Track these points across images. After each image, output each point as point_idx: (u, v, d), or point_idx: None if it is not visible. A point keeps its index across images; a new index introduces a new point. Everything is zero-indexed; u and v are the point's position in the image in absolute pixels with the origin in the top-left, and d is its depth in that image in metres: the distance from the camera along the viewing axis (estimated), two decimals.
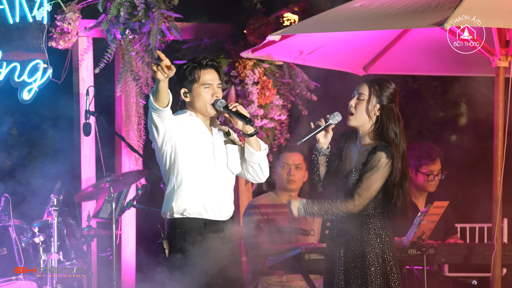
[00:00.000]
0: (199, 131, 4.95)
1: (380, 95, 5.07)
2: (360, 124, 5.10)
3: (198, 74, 4.93)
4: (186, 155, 4.89)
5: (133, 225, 7.59)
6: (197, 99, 4.95)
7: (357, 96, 5.09)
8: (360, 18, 6.17)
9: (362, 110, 5.08)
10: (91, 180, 7.39)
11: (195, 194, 4.88)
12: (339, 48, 7.20)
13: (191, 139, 4.91)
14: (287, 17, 7.80)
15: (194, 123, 4.96)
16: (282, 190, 7.07)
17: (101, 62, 7.22)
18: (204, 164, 4.92)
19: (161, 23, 7.28)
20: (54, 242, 6.16)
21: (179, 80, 4.96)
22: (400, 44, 7.21)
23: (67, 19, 7.09)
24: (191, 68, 4.94)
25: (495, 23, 5.87)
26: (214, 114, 4.98)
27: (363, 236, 5.05)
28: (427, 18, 5.77)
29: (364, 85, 5.11)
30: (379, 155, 4.97)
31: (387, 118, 5.07)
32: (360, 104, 5.09)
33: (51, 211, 6.22)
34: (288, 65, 7.76)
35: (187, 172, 4.88)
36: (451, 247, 6.57)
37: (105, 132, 7.06)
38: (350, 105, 5.09)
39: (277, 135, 7.80)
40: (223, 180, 4.99)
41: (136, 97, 7.41)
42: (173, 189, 4.90)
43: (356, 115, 5.09)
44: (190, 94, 4.95)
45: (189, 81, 4.94)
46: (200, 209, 4.88)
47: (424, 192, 7.10)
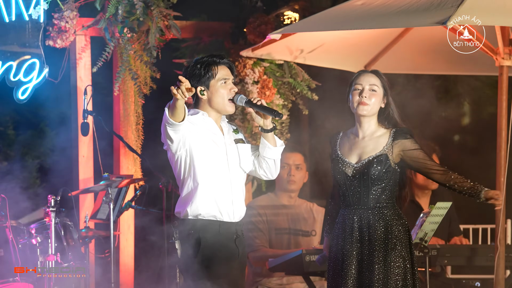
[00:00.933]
0: (212, 132, 4.97)
1: (387, 86, 5.21)
2: (371, 114, 5.17)
3: (215, 71, 4.96)
4: (201, 158, 4.91)
5: (132, 227, 7.58)
6: (215, 95, 4.96)
7: (370, 87, 5.14)
8: (362, 17, 6.18)
9: (376, 100, 5.17)
10: (89, 180, 7.39)
11: (210, 196, 4.90)
12: (340, 47, 7.20)
13: (205, 141, 4.93)
14: (287, 15, 7.80)
15: (206, 123, 4.97)
16: (282, 191, 7.07)
17: (99, 61, 7.22)
18: (219, 166, 4.95)
19: (160, 21, 7.28)
20: (51, 244, 6.16)
21: (194, 78, 4.96)
22: (402, 43, 7.21)
23: (64, 17, 7.08)
24: (206, 64, 4.97)
25: (498, 21, 5.87)
26: (231, 111, 5.00)
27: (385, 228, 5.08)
28: (430, 16, 5.77)
29: (374, 77, 5.20)
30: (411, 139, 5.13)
31: (393, 105, 5.21)
32: (374, 95, 5.17)
33: (48, 212, 6.21)
34: (289, 64, 7.75)
35: (203, 175, 4.91)
36: (454, 249, 6.57)
37: (103, 132, 7.06)
38: (363, 96, 5.13)
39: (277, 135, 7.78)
40: (236, 180, 5.02)
41: (134, 96, 7.40)
42: (190, 192, 4.91)
43: (372, 105, 5.17)
44: (207, 91, 4.97)
45: (206, 78, 4.96)
46: (214, 212, 4.91)
47: (427, 191, 7.09)
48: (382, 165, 5.08)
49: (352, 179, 5.14)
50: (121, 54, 7.32)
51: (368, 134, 5.19)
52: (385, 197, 5.11)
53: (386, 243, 5.06)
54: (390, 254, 5.04)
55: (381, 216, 5.09)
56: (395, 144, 5.11)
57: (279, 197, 7.04)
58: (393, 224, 5.08)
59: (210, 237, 4.88)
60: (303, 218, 7.09)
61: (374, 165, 5.08)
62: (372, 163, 5.08)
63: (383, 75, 5.22)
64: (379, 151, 5.10)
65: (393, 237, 5.06)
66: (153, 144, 7.63)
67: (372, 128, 5.19)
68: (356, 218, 5.12)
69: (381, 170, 5.07)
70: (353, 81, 5.21)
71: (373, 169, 5.07)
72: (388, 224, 5.08)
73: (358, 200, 5.12)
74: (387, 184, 5.11)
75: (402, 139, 5.11)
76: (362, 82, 5.17)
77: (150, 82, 7.38)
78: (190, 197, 4.90)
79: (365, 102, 5.15)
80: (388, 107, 5.19)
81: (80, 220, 7.24)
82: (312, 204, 7.21)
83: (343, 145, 5.23)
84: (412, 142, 5.12)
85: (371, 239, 5.08)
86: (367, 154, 5.14)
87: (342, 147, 5.23)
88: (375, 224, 5.08)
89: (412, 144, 5.12)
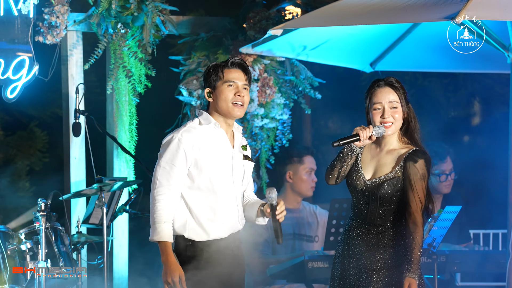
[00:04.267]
0: (221, 144, 5.00)
1: (405, 98, 5.15)
2: (396, 131, 5.15)
3: (222, 72, 5.01)
4: (206, 173, 4.95)
5: (126, 231, 7.58)
6: (219, 98, 5.00)
7: (390, 105, 5.11)
8: (367, 12, 6.17)
9: (399, 117, 5.13)
10: (81, 183, 7.39)
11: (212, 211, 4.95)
12: (344, 43, 7.21)
13: (212, 155, 4.96)
14: (289, 10, 7.80)
15: (217, 134, 5.00)
16: (295, 194, 7.09)
17: (91, 58, 7.22)
18: (223, 181, 4.99)
19: (155, 16, 7.28)
20: (41, 249, 6.15)
21: (205, 81, 5.05)
22: (409, 39, 7.22)
23: (55, 12, 7.08)
24: (216, 66, 5.04)
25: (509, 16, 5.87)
26: (238, 115, 5.02)
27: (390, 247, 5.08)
28: (438, 12, 5.78)
29: (391, 91, 5.12)
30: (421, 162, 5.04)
31: (413, 117, 5.16)
32: (395, 112, 5.12)
33: (38, 216, 6.21)
34: (291, 61, 7.75)
35: (207, 190, 4.95)
36: (464, 255, 6.57)
37: (95, 132, 7.05)
38: (385, 117, 5.10)
39: (279, 136, 7.79)
40: (238, 195, 5.07)
41: (128, 95, 7.41)
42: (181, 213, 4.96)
43: (395, 124, 5.14)
44: (213, 94, 5.00)
45: (213, 80, 5.01)
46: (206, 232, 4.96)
47: (438, 195, 7.09)
48: (392, 187, 5.05)
49: (362, 194, 5.12)
50: (114, 50, 7.31)
51: (389, 149, 5.16)
52: (393, 218, 5.09)
53: (387, 264, 5.04)
54: (391, 275, 5.02)
55: (384, 235, 5.08)
56: (405, 165, 5.08)
57: (287, 200, 7.03)
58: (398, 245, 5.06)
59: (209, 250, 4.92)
60: (307, 222, 7.10)
61: (385, 187, 5.06)
62: (383, 185, 5.07)
63: (400, 84, 5.14)
64: (392, 173, 5.08)
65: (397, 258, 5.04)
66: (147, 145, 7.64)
67: (394, 143, 5.16)
68: (360, 232, 5.12)
69: (390, 193, 5.06)
70: (371, 97, 5.14)
71: (383, 190, 5.06)
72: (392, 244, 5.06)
73: (364, 216, 5.11)
74: (396, 206, 5.09)
75: (410, 162, 5.07)
76: (381, 101, 5.12)
77: (144, 80, 7.38)
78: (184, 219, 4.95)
79: (389, 122, 5.12)
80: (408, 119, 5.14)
81: (72, 225, 7.24)
82: (314, 206, 7.22)
83: (366, 153, 5.22)
84: (417, 168, 5.04)
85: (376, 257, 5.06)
86: (382, 172, 5.11)
87: (365, 154, 5.22)
88: (378, 243, 5.06)
89: (416, 170, 5.04)
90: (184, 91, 7.56)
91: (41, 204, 6.22)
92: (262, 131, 7.72)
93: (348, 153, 5.14)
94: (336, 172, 5.17)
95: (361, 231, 5.11)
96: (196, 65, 7.61)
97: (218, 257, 4.94)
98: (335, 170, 5.17)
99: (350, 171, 5.17)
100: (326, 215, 6.81)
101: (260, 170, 7.60)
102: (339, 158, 5.16)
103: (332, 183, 5.23)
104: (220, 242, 4.95)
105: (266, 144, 7.69)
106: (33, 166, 8.81)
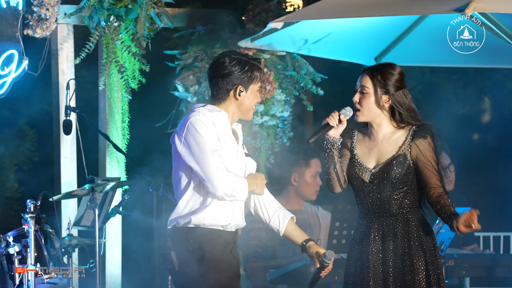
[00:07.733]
0: (228, 136, 5.00)
1: (385, 85, 5.07)
2: (370, 118, 5.10)
3: (257, 75, 5.03)
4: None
5: (119, 234, 7.59)
6: (249, 100, 5.02)
7: (360, 89, 5.09)
8: (372, 3, 6.17)
9: (369, 104, 5.07)
10: (72, 183, 7.39)
11: (215, 206, 4.94)
12: (348, 37, 7.20)
13: (224, 143, 4.96)
14: (290, 2, 7.80)
15: (224, 125, 5.00)
16: (298, 197, 7.09)
17: (83, 52, 7.22)
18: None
19: (150, 9, 7.28)
20: (30, 253, 6.15)
21: (234, 76, 4.99)
22: (416, 32, 7.21)
23: (44, 4, 7.08)
24: (251, 66, 5.01)
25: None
26: (250, 119, 5.10)
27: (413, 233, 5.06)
28: (446, 3, 5.77)
29: (366, 77, 5.10)
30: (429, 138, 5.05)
31: (401, 106, 5.08)
32: (365, 98, 5.08)
33: (27, 218, 6.21)
34: (292, 56, 7.75)
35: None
36: (473, 259, 6.57)
37: (87, 130, 7.05)
38: (354, 101, 5.09)
39: (279, 134, 7.79)
40: None
41: (121, 92, 7.40)
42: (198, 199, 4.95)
43: (364, 111, 5.09)
44: (245, 93, 5.00)
45: (247, 80, 5.00)
46: (217, 221, 4.94)
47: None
48: (401, 166, 5.02)
49: (370, 185, 5.08)
50: (107, 44, 7.32)
51: (385, 136, 5.13)
52: (408, 201, 5.05)
53: (412, 253, 5.02)
54: (416, 264, 5.01)
55: (405, 222, 5.05)
56: (413, 143, 5.04)
57: (289, 203, 7.02)
58: (419, 230, 5.04)
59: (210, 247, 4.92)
60: (309, 224, 7.10)
61: (394, 168, 5.03)
62: (391, 166, 5.03)
63: (382, 73, 5.07)
64: (397, 152, 5.05)
65: (419, 245, 5.03)
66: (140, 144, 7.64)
67: (386, 129, 5.12)
68: (377, 226, 5.08)
69: (401, 172, 5.02)
70: None
71: (393, 172, 5.03)
72: (413, 230, 5.04)
73: (378, 208, 5.07)
74: (409, 187, 5.05)
75: (420, 139, 5.04)
76: (357, 83, 5.14)
77: (137, 76, 7.38)
78: (198, 204, 4.93)
79: (356, 107, 5.12)
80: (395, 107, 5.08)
81: (63, 227, 7.24)
82: (316, 208, 7.22)
83: (361, 146, 5.19)
84: (428, 142, 5.05)
85: (396, 247, 5.04)
86: (385, 157, 5.10)
87: (360, 148, 5.19)
88: (400, 231, 5.04)
89: (428, 145, 5.05)
90: (180, 87, 7.56)
91: (30, 206, 6.21)
92: (261, 129, 7.72)
93: (329, 147, 5.12)
94: (333, 174, 5.14)
95: (378, 225, 5.07)
96: (192, 59, 7.61)
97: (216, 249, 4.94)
98: (331, 172, 5.14)
99: (351, 170, 5.14)
100: (329, 217, 6.80)
101: (260, 170, 7.59)
102: (326, 156, 5.14)
103: (339, 190, 5.18)
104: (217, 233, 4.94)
105: (266, 143, 7.69)
106: (22, 166, 8.81)
